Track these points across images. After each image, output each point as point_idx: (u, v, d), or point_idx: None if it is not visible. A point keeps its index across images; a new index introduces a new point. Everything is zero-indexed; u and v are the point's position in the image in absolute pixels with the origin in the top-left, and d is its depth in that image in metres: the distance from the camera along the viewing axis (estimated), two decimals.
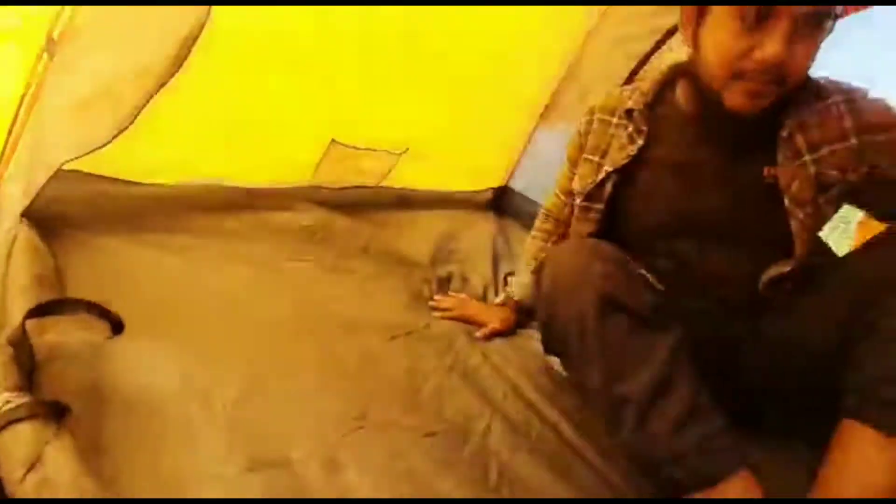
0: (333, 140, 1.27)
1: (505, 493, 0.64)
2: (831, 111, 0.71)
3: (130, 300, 0.77)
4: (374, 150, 1.36)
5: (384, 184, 1.48)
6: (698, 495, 0.59)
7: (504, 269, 1.34)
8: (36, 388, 0.54)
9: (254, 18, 0.96)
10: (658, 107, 0.82)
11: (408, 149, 1.39)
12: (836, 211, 0.73)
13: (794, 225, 0.71)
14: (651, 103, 0.82)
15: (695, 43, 0.70)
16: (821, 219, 0.72)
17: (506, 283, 1.10)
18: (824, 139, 0.71)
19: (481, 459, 0.70)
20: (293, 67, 1.12)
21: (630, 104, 0.83)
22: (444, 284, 1.24)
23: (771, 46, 0.60)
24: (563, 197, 0.98)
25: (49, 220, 0.83)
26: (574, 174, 0.91)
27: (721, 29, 0.64)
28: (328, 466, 0.61)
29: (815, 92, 0.71)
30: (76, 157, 0.80)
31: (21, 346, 0.53)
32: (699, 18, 0.68)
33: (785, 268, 0.72)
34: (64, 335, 0.61)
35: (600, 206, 0.83)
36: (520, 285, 1.07)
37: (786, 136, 0.71)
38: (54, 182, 0.79)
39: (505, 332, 1.04)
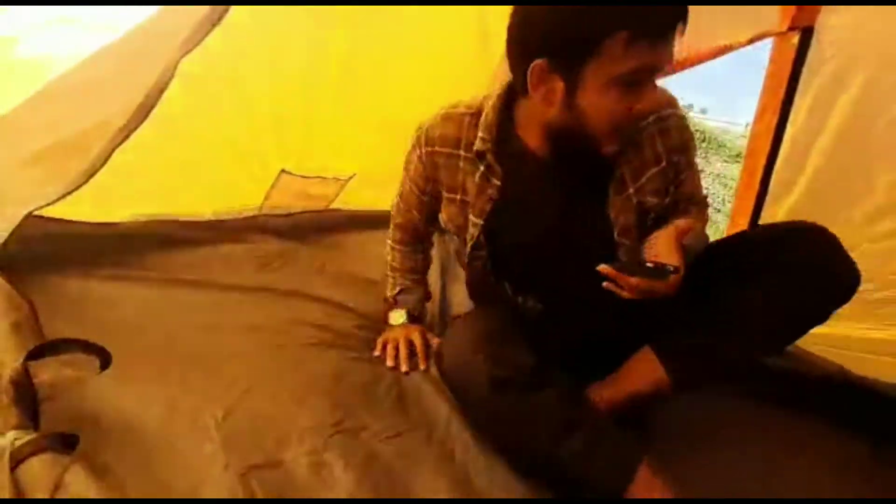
0: (283, 170, 1.35)
1: (471, 467, 0.76)
2: (645, 136, 0.80)
3: (105, 334, 0.81)
4: (324, 178, 1.46)
5: (333, 206, 1.58)
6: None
7: (452, 282, 1.46)
8: (41, 425, 0.59)
9: (202, 59, 1.02)
10: (503, 146, 0.83)
11: (355, 174, 1.49)
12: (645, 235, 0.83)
13: (620, 254, 0.83)
14: (496, 142, 0.82)
15: (568, 105, 0.72)
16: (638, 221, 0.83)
17: (395, 304, 1.09)
18: (643, 166, 0.81)
19: (447, 445, 0.81)
20: (243, 105, 1.19)
21: (478, 144, 0.83)
22: None
23: (647, 101, 0.70)
24: (415, 214, 1.00)
25: (14, 265, 0.86)
26: (423, 199, 0.95)
27: (604, 96, 0.69)
28: (316, 465, 0.70)
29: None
30: (38, 208, 0.84)
31: (23, 386, 0.58)
32: (570, 86, 0.70)
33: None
34: (58, 374, 0.65)
35: (483, 251, 0.90)
36: (406, 301, 1.08)
37: (615, 172, 0.81)
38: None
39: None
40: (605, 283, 0.75)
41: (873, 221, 1.14)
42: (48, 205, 0.83)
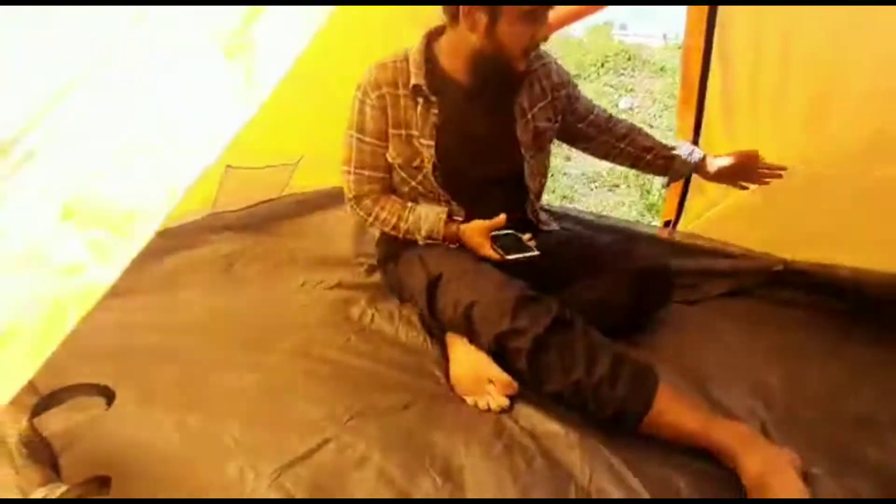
0: (228, 166, 1.29)
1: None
2: (534, 77, 1.08)
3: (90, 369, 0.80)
4: (272, 166, 1.41)
5: (287, 192, 1.54)
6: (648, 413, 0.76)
7: None
8: (64, 475, 0.59)
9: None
10: (432, 79, 1.02)
11: (302, 157, 1.45)
12: (549, 147, 1.15)
13: (525, 168, 1.09)
14: (427, 76, 1.01)
15: (489, 34, 0.94)
16: (543, 160, 1.14)
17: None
18: (535, 99, 1.08)
19: (454, 398, 0.88)
20: None
21: (414, 79, 1.01)
22: (373, 271, 1.36)
23: (544, 30, 0.96)
24: (371, 173, 1.10)
25: None
26: (385, 147, 1.06)
27: (516, 26, 0.93)
28: (342, 447, 0.75)
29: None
30: None
31: (35, 443, 0.57)
32: (492, 19, 0.92)
33: (534, 201, 1.15)
34: (68, 421, 0.64)
35: (422, 175, 1.06)
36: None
37: (518, 100, 1.06)
38: None
39: None
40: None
41: None
42: None
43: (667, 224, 1.55)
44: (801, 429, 0.83)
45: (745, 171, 1.13)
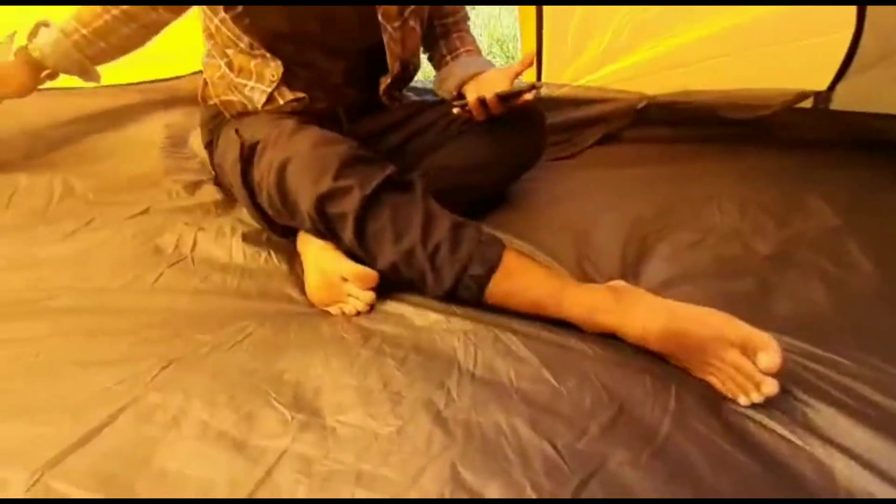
0: None
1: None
2: None
3: None
4: None
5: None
6: (492, 278, 0.65)
7: None
8: None
9: None
10: None
11: (15, 32, 1.00)
12: (421, 26, 0.90)
13: (385, 38, 0.85)
14: None
15: None
16: (408, 33, 0.88)
17: (35, 34, 0.92)
18: None
19: (313, 314, 0.71)
20: None
21: None
22: (196, 188, 1.07)
23: None
24: None
25: None
26: None
27: None
28: (145, 412, 0.53)
29: None
30: None
31: None
32: None
33: (387, 79, 0.90)
34: None
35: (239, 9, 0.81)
36: (49, 43, 0.91)
37: None
38: None
39: (9, 93, 0.93)
40: (455, 110, 0.86)
41: None
42: None
43: None
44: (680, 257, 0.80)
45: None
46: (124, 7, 0.89)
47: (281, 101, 0.87)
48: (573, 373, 0.57)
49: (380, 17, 0.83)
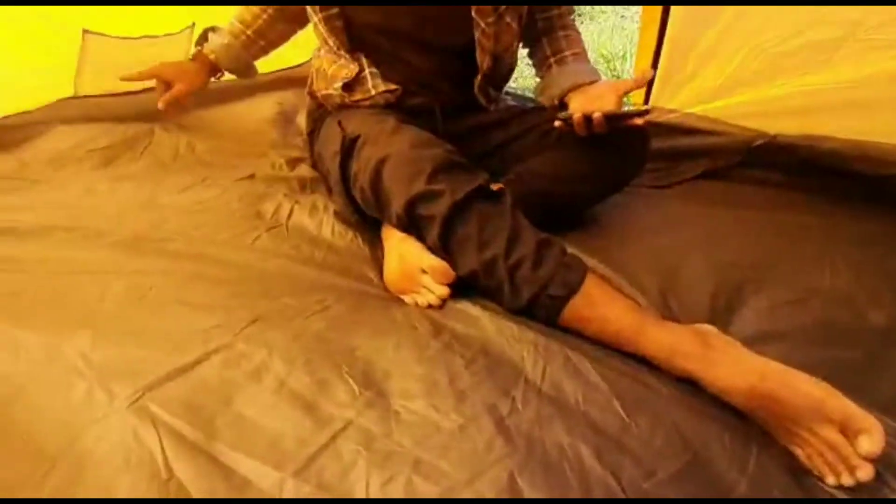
0: (85, 30, 0.99)
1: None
2: None
3: None
4: (153, 37, 1.11)
5: None
6: (570, 302, 0.64)
7: None
8: None
9: None
10: None
11: (194, 23, 1.15)
12: (518, 22, 0.88)
13: (477, 34, 0.85)
14: None
15: None
16: (503, 29, 0.86)
17: (204, 39, 1.05)
18: None
19: (388, 298, 0.73)
20: None
21: None
22: (297, 164, 1.14)
23: None
24: None
25: None
26: None
27: None
28: (233, 358, 0.58)
29: None
30: None
31: None
32: None
33: (479, 75, 0.91)
34: None
35: (335, 10, 0.86)
36: (222, 46, 1.04)
37: None
38: None
39: (190, 92, 1.03)
40: (557, 123, 0.82)
41: None
42: None
43: None
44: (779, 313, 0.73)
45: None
46: (277, 6, 1.00)
47: (374, 92, 0.90)
48: (645, 410, 0.54)
49: (473, 13, 0.83)
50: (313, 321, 0.67)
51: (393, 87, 0.90)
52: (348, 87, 0.90)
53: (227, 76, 1.06)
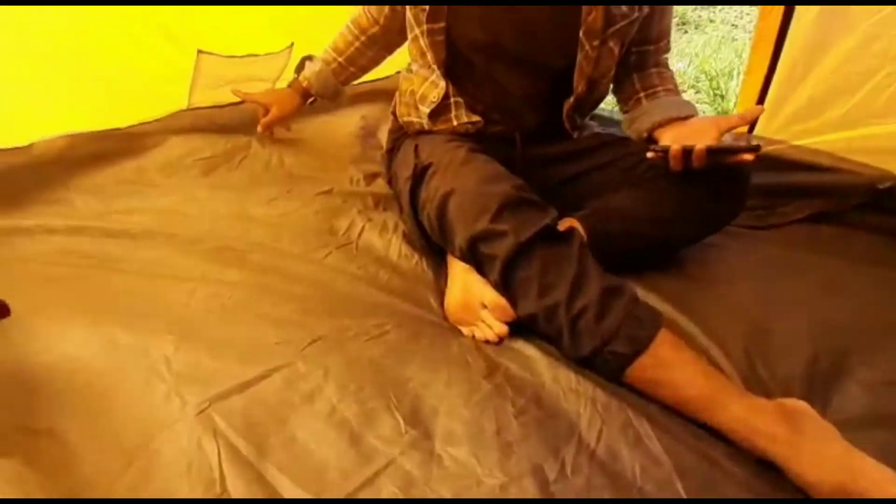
0: (199, 51, 1.10)
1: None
2: None
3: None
4: (255, 56, 1.20)
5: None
6: (637, 360, 0.59)
7: None
8: None
9: None
10: None
11: (293, 43, 1.23)
12: (620, 49, 0.85)
13: (580, 56, 0.81)
14: None
15: None
16: (605, 54, 0.82)
17: (301, 67, 1.11)
18: None
19: (446, 328, 0.73)
20: None
21: None
22: (375, 179, 1.17)
23: None
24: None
25: None
26: None
27: None
28: (293, 377, 0.61)
29: None
30: None
31: None
32: None
33: (571, 100, 0.86)
34: None
35: (442, 24, 0.84)
36: (314, 73, 1.10)
37: None
38: None
39: (284, 116, 1.13)
40: (650, 154, 0.76)
41: None
42: None
43: None
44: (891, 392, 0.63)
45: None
46: (370, 34, 1.05)
47: (455, 123, 0.89)
48: (712, 495, 0.49)
49: (581, 34, 0.79)
50: (370, 346, 0.68)
51: (475, 118, 0.89)
52: (434, 114, 0.90)
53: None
